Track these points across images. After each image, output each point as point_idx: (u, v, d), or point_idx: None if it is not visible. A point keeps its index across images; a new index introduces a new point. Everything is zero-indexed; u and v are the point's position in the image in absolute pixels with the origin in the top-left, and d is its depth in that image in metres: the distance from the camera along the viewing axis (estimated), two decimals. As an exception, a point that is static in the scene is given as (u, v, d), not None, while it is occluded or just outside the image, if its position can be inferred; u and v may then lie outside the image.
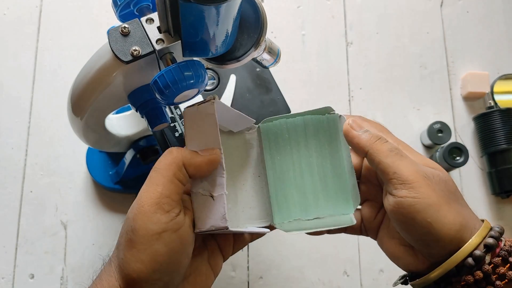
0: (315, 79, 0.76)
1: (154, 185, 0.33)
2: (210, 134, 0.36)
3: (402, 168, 0.34)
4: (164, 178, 0.33)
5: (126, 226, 0.33)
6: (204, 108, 0.36)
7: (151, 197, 0.32)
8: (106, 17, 0.75)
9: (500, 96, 0.76)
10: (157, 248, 0.32)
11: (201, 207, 0.35)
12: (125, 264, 0.32)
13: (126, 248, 0.32)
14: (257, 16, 0.40)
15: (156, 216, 0.32)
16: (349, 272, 0.67)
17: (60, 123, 0.70)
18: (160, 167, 0.34)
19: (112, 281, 0.33)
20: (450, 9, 0.82)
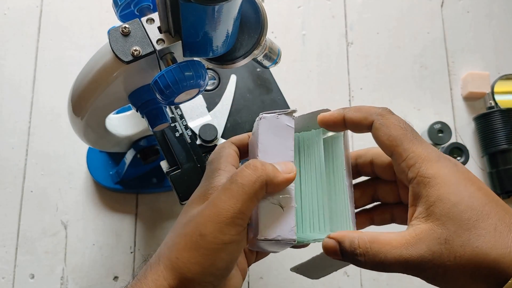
0: (316, 79, 0.76)
1: (234, 200, 0.33)
2: (285, 147, 0.36)
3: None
4: (245, 195, 0.33)
5: (191, 228, 0.33)
6: (284, 119, 0.36)
7: (228, 210, 0.32)
8: (106, 17, 0.75)
9: (501, 96, 0.76)
10: (220, 256, 0.33)
11: (268, 216, 0.35)
12: (182, 264, 0.33)
13: (187, 249, 0.33)
14: (258, 16, 0.40)
15: (228, 228, 0.32)
16: (350, 272, 0.67)
17: (61, 123, 0.70)
18: (244, 183, 0.33)
19: (160, 280, 0.33)
20: (450, 9, 0.82)
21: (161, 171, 0.51)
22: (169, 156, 0.51)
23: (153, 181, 0.67)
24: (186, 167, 0.50)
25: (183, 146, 0.51)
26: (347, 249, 0.33)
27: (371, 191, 0.41)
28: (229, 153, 0.39)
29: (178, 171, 0.50)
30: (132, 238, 0.66)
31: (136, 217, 0.67)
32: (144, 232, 0.67)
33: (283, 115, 0.36)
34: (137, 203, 0.68)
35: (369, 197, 0.41)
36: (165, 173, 0.51)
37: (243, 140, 0.40)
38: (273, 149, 0.36)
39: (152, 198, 0.68)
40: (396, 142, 0.34)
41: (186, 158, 0.50)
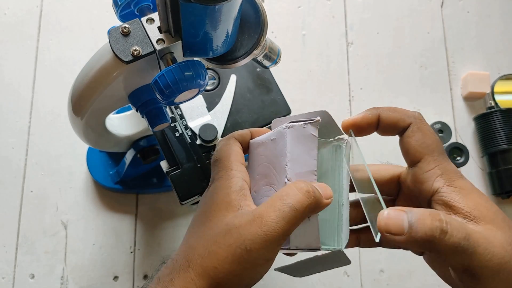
0: (316, 79, 0.76)
1: (285, 222, 0.33)
2: (310, 156, 0.36)
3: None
4: (296, 220, 0.33)
5: (235, 241, 0.33)
6: (310, 129, 0.36)
7: (279, 232, 0.33)
8: (106, 17, 0.75)
9: (501, 96, 0.76)
10: (260, 270, 0.34)
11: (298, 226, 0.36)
12: (219, 274, 0.33)
13: (228, 261, 0.33)
14: (258, 16, 0.40)
15: (274, 247, 0.33)
16: (350, 273, 0.67)
17: (61, 123, 0.70)
18: (298, 208, 0.33)
19: (191, 287, 0.33)
20: (450, 9, 0.82)
21: (161, 171, 0.51)
22: (169, 156, 0.51)
23: (153, 181, 0.67)
24: (186, 167, 0.50)
25: (183, 146, 0.51)
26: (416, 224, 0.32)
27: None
28: (237, 152, 0.39)
29: (178, 171, 0.50)
30: (132, 238, 0.66)
31: (136, 217, 0.67)
32: (144, 232, 0.67)
33: (309, 124, 0.36)
34: (137, 203, 0.68)
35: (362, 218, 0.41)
36: (165, 173, 0.51)
37: (245, 136, 0.41)
38: (300, 159, 0.36)
39: (152, 198, 0.68)
40: (428, 150, 0.35)
41: (186, 158, 0.50)
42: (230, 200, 0.36)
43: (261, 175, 0.39)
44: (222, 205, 0.36)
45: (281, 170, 0.36)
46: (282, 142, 0.37)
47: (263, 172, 0.39)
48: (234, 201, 0.36)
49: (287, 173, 0.36)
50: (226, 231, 0.34)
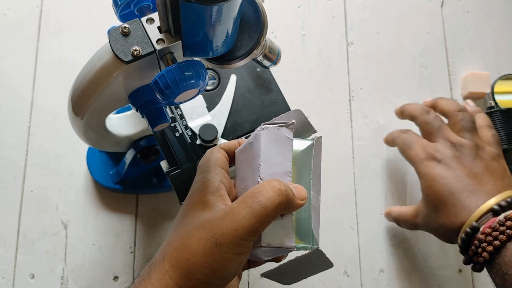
0: (316, 79, 0.76)
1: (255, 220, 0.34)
2: (285, 158, 0.37)
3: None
4: (266, 217, 0.34)
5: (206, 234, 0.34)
6: (285, 131, 0.37)
7: (248, 228, 0.34)
8: (106, 17, 0.75)
9: (501, 96, 0.76)
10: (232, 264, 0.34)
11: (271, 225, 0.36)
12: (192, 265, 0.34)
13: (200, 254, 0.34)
14: (258, 16, 0.40)
15: (244, 242, 0.34)
16: (349, 272, 0.67)
17: (61, 123, 0.70)
18: (268, 206, 0.34)
19: (166, 279, 0.34)
20: (450, 9, 0.82)
21: (161, 171, 0.51)
22: (169, 156, 0.51)
23: (153, 181, 0.67)
24: (186, 167, 0.50)
25: (183, 146, 0.51)
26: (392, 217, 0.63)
27: None
28: (218, 157, 0.41)
29: (178, 171, 0.50)
30: (132, 238, 0.66)
31: (136, 217, 0.68)
32: (144, 232, 0.67)
33: (284, 127, 0.37)
34: (137, 203, 0.68)
35: None
36: (165, 173, 0.51)
37: (231, 146, 0.42)
38: (274, 159, 0.37)
39: (152, 198, 0.68)
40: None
41: (186, 158, 0.50)
42: (206, 200, 0.37)
43: (241, 180, 0.39)
44: (199, 204, 0.37)
45: (255, 171, 0.37)
46: (257, 144, 0.37)
47: (242, 176, 0.39)
48: (210, 201, 0.37)
49: (260, 173, 0.36)
50: (199, 225, 0.35)
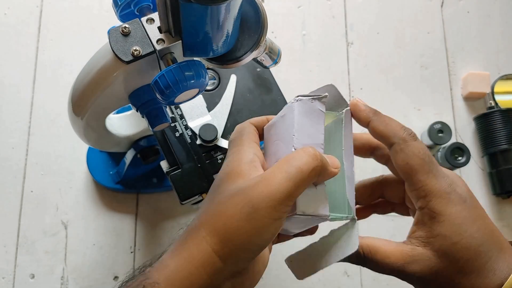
0: (316, 79, 0.76)
1: (291, 183, 0.34)
2: (317, 130, 0.37)
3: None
4: (302, 181, 0.34)
5: (242, 199, 0.34)
6: (318, 104, 0.37)
7: (283, 192, 0.34)
8: (106, 17, 0.75)
9: (501, 96, 0.76)
10: (268, 230, 0.34)
11: (305, 194, 0.36)
12: (230, 231, 0.34)
13: (236, 218, 0.34)
14: (258, 16, 0.40)
15: (280, 207, 0.34)
16: (350, 273, 0.67)
17: (61, 123, 0.70)
18: (303, 169, 0.34)
19: (202, 245, 0.34)
20: (450, 9, 0.82)
21: (161, 171, 0.51)
22: (169, 156, 0.51)
23: (153, 181, 0.67)
24: (186, 167, 0.50)
25: (183, 146, 0.51)
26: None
27: (379, 192, 0.44)
28: (250, 131, 0.40)
29: (178, 171, 0.50)
30: (132, 238, 0.66)
31: (136, 217, 0.67)
32: (144, 232, 0.67)
33: (317, 100, 0.37)
34: (137, 203, 0.68)
35: (376, 196, 0.44)
36: (165, 173, 0.51)
37: (260, 122, 0.42)
38: (307, 131, 0.37)
39: (152, 198, 0.68)
40: (412, 171, 0.37)
41: (186, 158, 0.50)
42: (241, 170, 0.37)
43: (272, 154, 0.39)
44: (233, 174, 0.37)
45: (289, 142, 0.37)
46: (290, 115, 0.37)
47: (274, 151, 0.39)
48: (245, 171, 0.37)
49: (293, 143, 0.36)
50: (235, 192, 0.35)
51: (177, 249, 0.36)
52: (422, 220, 0.37)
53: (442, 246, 0.36)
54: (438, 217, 0.36)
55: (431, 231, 0.37)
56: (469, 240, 0.36)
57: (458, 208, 0.36)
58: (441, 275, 0.36)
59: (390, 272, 0.37)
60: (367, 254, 0.38)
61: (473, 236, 0.36)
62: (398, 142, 0.37)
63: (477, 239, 0.36)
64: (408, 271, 0.37)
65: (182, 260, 0.35)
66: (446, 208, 0.36)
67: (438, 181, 0.37)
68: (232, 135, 0.41)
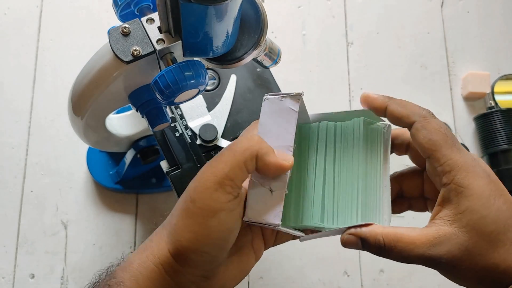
0: (316, 79, 0.76)
1: (223, 164, 0.33)
2: (286, 130, 0.35)
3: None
4: (234, 161, 0.33)
5: (185, 195, 0.34)
6: (288, 102, 0.35)
7: (216, 174, 0.33)
8: (106, 17, 0.75)
9: (501, 96, 0.76)
10: (213, 225, 0.33)
11: (256, 198, 0.35)
12: (178, 230, 0.33)
13: (182, 216, 0.33)
14: (258, 16, 0.40)
15: (216, 194, 0.33)
16: (350, 272, 0.67)
17: (61, 123, 0.70)
18: (235, 149, 0.34)
19: (162, 244, 0.34)
20: (450, 9, 0.82)
21: (161, 171, 0.51)
22: (169, 156, 0.51)
23: (153, 181, 0.67)
24: (186, 167, 0.50)
25: (183, 146, 0.51)
26: (372, 244, 0.35)
27: (397, 188, 0.42)
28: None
29: (178, 171, 0.50)
30: (132, 238, 0.66)
31: (136, 217, 0.67)
32: (144, 232, 0.67)
33: (288, 98, 0.35)
34: (137, 203, 0.68)
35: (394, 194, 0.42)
36: (165, 173, 0.51)
37: None
38: (273, 131, 0.35)
39: (152, 198, 0.68)
40: (435, 146, 0.36)
41: (186, 158, 0.50)
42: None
43: None
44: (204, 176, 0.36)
45: None
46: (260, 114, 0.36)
47: None
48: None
49: None
50: (185, 190, 0.35)
51: (142, 247, 0.36)
52: (447, 197, 0.35)
53: (470, 220, 0.34)
54: (465, 191, 0.35)
55: (458, 207, 0.35)
56: (497, 213, 0.35)
57: (484, 181, 0.35)
58: (471, 252, 0.34)
59: (417, 259, 0.35)
60: (389, 244, 0.35)
61: (501, 209, 0.35)
62: (419, 119, 0.37)
63: (505, 211, 0.35)
64: (436, 254, 0.34)
65: (145, 257, 0.34)
66: (474, 181, 0.35)
67: (462, 155, 0.36)
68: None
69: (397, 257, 0.36)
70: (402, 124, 0.37)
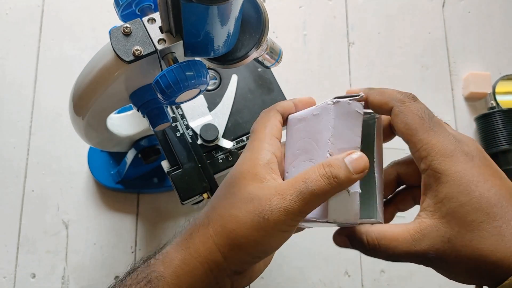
0: (317, 79, 0.76)
1: (303, 203, 0.34)
2: (354, 133, 0.36)
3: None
4: (314, 203, 0.34)
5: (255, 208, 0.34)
6: (355, 105, 0.36)
7: (295, 210, 0.34)
8: (107, 17, 0.76)
9: (502, 97, 0.76)
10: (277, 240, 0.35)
11: (337, 200, 0.36)
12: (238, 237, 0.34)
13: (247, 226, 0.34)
14: (259, 16, 0.40)
15: (292, 222, 0.34)
16: (350, 273, 0.67)
17: (62, 123, 0.70)
18: (318, 193, 0.34)
19: (209, 243, 0.35)
20: (451, 9, 0.81)
21: (162, 171, 0.51)
22: (170, 156, 0.51)
23: (154, 181, 0.67)
24: (187, 167, 0.50)
25: (184, 146, 0.51)
26: (357, 245, 0.36)
27: (394, 177, 0.41)
28: (274, 125, 0.39)
29: (179, 171, 0.50)
30: (133, 237, 0.67)
31: (137, 216, 0.68)
32: (145, 232, 0.67)
33: (354, 101, 0.36)
34: (138, 202, 0.68)
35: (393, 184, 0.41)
36: (166, 173, 0.51)
37: (288, 109, 0.41)
38: (343, 135, 0.36)
39: (153, 197, 0.68)
40: (411, 131, 0.35)
41: (187, 158, 0.50)
42: (256, 172, 0.36)
43: (301, 150, 0.39)
44: (248, 175, 0.37)
45: (323, 145, 0.37)
46: (326, 118, 0.37)
47: (303, 147, 0.39)
48: (260, 174, 0.36)
49: (329, 148, 0.36)
50: (248, 199, 0.35)
51: (183, 243, 0.36)
52: (428, 185, 0.34)
53: (449, 209, 0.32)
54: (442, 177, 0.33)
55: (437, 195, 0.33)
56: (478, 200, 0.32)
57: (464, 166, 0.33)
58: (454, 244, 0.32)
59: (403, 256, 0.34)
60: (372, 241, 0.35)
61: (483, 196, 0.32)
62: (396, 104, 0.36)
63: (488, 199, 0.32)
64: (420, 249, 0.33)
65: (188, 255, 0.35)
66: (450, 167, 0.33)
67: (439, 139, 0.34)
68: (256, 123, 0.40)
69: (384, 255, 0.35)
70: (383, 112, 0.37)
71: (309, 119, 0.39)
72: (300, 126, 0.40)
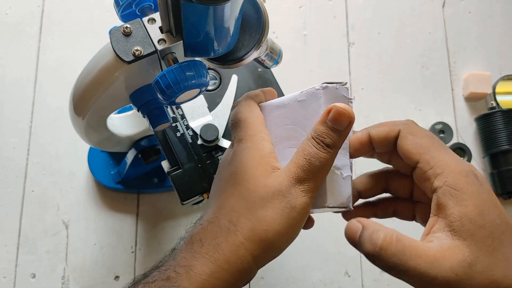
0: (317, 79, 0.76)
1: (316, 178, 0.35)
2: None
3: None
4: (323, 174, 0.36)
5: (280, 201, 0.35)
6: (342, 90, 0.38)
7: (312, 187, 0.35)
8: (108, 17, 0.76)
9: (502, 97, 0.76)
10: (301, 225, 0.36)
11: (333, 184, 0.37)
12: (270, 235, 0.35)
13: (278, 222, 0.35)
14: (259, 16, 0.40)
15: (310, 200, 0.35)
16: (351, 273, 0.67)
17: (62, 123, 0.70)
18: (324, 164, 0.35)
19: (241, 252, 0.34)
20: (452, 9, 0.81)
21: (162, 171, 0.51)
22: (170, 156, 0.51)
23: (154, 181, 0.67)
24: (187, 167, 0.50)
25: (184, 146, 0.51)
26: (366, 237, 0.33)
27: (384, 182, 0.41)
28: (260, 114, 0.41)
29: (179, 171, 0.50)
30: (133, 237, 0.67)
31: (137, 216, 0.68)
32: (145, 232, 0.67)
33: (341, 86, 0.38)
34: (138, 203, 0.68)
35: (381, 188, 0.41)
36: (166, 173, 0.51)
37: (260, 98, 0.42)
38: None
39: (153, 198, 0.68)
40: (423, 149, 0.35)
41: (187, 158, 0.50)
42: (265, 163, 0.37)
43: (282, 138, 0.39)
44: (259, 167, 0.37)
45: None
46: (315, 103, 0.37)
47: (285, 135, 0.39)
48: (269, 164, 0.37)
49: None
50: (270, 195, 0.35)
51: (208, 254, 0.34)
52: (442, 203, 0.32)
53: (470, 231, 0.31)
54: (459, 194, 0.31)
55: (454, 213, 0.31)
56: (492, 225, 0.31)
57: (477, 188, 0.32)
58: (474, 269, 0.30)
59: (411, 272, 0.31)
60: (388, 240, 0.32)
61: (495, 222, 0.31)
62: (403, 127, 0.36)
63: (499, 226, 0.31)
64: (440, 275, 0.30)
65: (218, 267, 0.34)
66: (467, 186, 0.32)
67: (452, 158, 0.34)
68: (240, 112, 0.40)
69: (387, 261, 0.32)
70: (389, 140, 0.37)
71: (292, 106, 0.39)
72: (279, 113, 0.40)
